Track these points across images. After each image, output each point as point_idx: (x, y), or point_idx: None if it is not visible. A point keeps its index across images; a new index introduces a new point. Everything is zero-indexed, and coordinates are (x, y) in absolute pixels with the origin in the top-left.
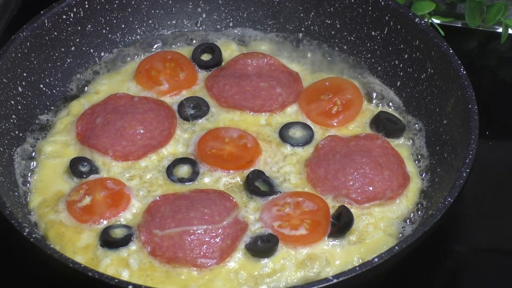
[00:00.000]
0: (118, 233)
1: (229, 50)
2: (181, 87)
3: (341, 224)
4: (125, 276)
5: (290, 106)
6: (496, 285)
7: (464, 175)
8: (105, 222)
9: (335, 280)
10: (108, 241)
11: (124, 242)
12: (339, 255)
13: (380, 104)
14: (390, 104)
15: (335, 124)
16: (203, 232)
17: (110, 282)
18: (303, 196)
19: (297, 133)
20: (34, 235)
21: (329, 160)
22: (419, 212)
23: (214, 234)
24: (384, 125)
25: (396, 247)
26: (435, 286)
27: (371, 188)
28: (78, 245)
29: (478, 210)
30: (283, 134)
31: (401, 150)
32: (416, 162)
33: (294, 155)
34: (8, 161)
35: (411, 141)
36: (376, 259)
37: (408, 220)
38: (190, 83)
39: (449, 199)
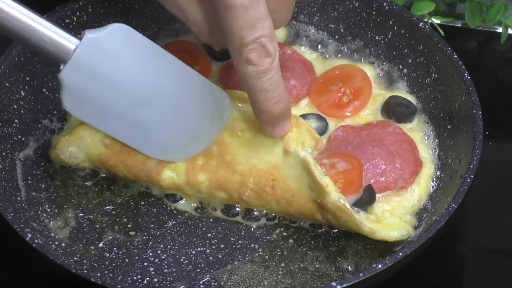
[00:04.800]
0: None
1: None
2: None
3: (360, 199)
4: None
5: (304, 99)
6: (497, 285)
7: (468, 181)
8: None
9: (338, 287)
10: None
11: None
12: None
13: (390, 88)
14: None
15: (347, 114)
16: None
17: None
18: (339, 156)
19: (311, 124)
20: (36, 241)
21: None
22: (425, 215)
23: None
24: (395, 110)
25: (400, 253)
26: (436, 286)
27: (383, 179)
28: None
29: (479, 209)
30: None
31: (413, 134)
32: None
33: None
34: (11, 166)
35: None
36: (380, 265)
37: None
38: (204, 75)
39: (453, 205)
